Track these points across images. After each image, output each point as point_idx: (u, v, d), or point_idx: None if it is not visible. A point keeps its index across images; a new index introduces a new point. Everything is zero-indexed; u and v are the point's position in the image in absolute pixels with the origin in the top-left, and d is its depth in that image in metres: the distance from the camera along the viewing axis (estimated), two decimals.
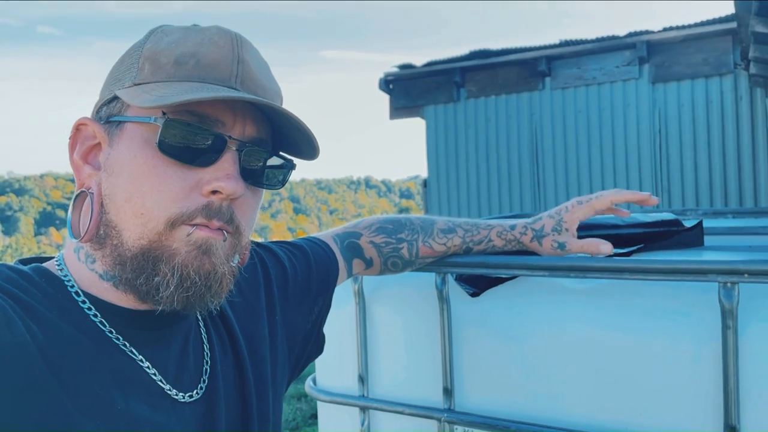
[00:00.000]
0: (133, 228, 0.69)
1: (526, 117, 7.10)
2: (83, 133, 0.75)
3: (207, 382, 0.79)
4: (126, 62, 0.75)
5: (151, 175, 0.69)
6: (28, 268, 0.72)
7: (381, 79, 7.59)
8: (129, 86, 0.72)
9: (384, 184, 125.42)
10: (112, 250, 0.70)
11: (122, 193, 0.70)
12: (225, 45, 0.73)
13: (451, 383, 1.23)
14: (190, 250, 0.69)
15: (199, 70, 0.71)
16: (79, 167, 0.74)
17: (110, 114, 0.73)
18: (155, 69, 0.71)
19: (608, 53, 6.68)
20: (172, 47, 0.72)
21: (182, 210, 0.69)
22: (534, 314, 1.19)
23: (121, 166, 0.70)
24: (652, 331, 1.08)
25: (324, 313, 1.09)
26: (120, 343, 0.71)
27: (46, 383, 0.62)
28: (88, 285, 0.72)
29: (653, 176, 6.56)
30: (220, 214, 0.70)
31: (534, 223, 1.19)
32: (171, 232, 0.69)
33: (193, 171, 0.70)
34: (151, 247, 0.69)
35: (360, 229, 1.17)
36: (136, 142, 0.70)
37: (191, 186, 0.69)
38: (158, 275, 0.68)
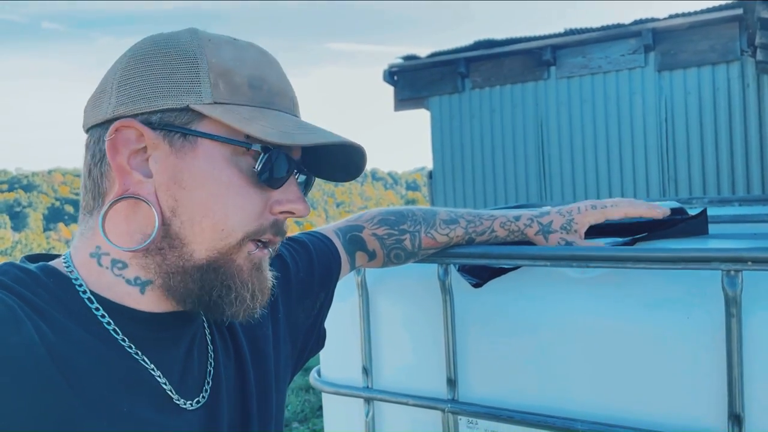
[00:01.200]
0: (208, 242, 0.71)
1: (531, 107, 7.07)
2: (124, 135, 0.71)
3: (210, 387, 0.79)
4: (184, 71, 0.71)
5: (235, 195, 0.72)
6: (36, 268, 0.71)
7: (385, 71, 7.56)
8: (209, 103, 0.70)
9: (390, 176, 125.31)
10: (168, 260, 0.71)
11: (200, 209, 0.70)
12: (279, 70, 0.78)
13: (455, 374, 1.23)
14: (251, 268, 0.74)
15: (272, 97, 0.74)
16: (127, 172, 0.71)
17: (170, 123, 0.70)
18: (232, 89, 0.72)
19: (613, 41, 6.63)
20: (238, 66, 0.73)
21: (257, 227, 0.73)
22: (537, 304, 1.19)
23: (199, 181, 0.70)
24: (655, 320, 1.07)
25: (326, 308, 1.09)
26: (126, 345, 0.71)
27: (54, 383, 0.62)
28: (101, 287, 0.72)
29: (660, 165, 6.53)
30: (283, 231, 0.78)
31: (541, 217, 1.19)
32: (240, 247, 0.73)
33: (266, 192, 0.74)
34: (218, 259, 0.72)
35: (362, 221, 1.17)
36: (217, 161, 0.71)
37: (265, 205, 0.74)
38: (233, 290, 0.73)
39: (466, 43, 7.42)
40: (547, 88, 6.98)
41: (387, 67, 7.56)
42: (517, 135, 7.15)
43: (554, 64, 6.91)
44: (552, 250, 1.11)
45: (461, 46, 7.39)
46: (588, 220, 1.18)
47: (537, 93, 7.04)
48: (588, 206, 1.19)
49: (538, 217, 1.19)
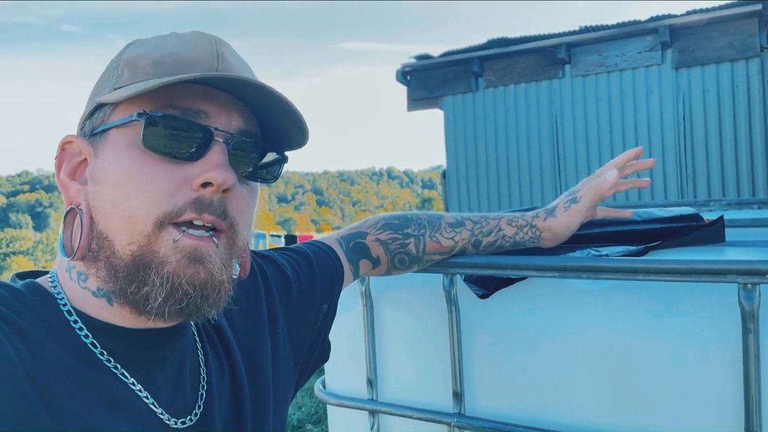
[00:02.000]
0: (123, 234, 0.66)
1: (546, 105, 7.00)
2: (69, 151, 0.73)
3: (203, 407, 0.77)
4: (105, 74, 0.74)
5: (136, 175, 0.66)
6: (21, 285, 0.70)
7: (398, 71, 7.53)
8: (108, 92, 0.71)
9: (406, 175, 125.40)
10: (105, 262, 0.68)
11: (109, 200, 0.67)
12: (203, 44, 0.72)
13: (461, 387, 1.19)
14: (180, 259, 0.66)
15: (177, 67, 0.69)
16: (66, 185, 0.72)
17: (93, 126, 0.72)
18: (134, 72, 0.70)
19: (630, 39, 6.54)
20: (150, 51, 0.71)
21: (170, 207, 0.66)
22: (545, 316, 1.15)
23: (106, 173, 0.68)
24: (668, 334, 1.03)
25: (329, 320, 1.06)
26: (111, 366, 0.68)
27: (32, 408, 0.60)
28: (80, 303, 0.70)
29: (677, 164, 6.43)
30: (212, 208, 0.67)
31: (546, 207, 1.19)
32: (159, 234, 0.66)
33: (181, 166, 0.67)
34: (141, 253, 0.66)
35: (365, 228, 1.14)
36: (120, 146, 0.68)
37: (179, 182, 0.67)
38: (147, 285, 0.66)
39: (480, 42, 7.36)
40: (562, 86, 6.90)
41: (400, 67, 7.52)
42: (532, 134, 7.09)
43: (569, 63, 6.83)
44: (560, 260, 1.08)
45: (474, 45, 7.33)
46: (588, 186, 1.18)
47: (552, 91, 6.96)
48: (584, 180, 1.21)
49: (542, 208, 1.19)
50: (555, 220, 1.15)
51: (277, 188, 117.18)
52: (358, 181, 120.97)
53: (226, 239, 0.70)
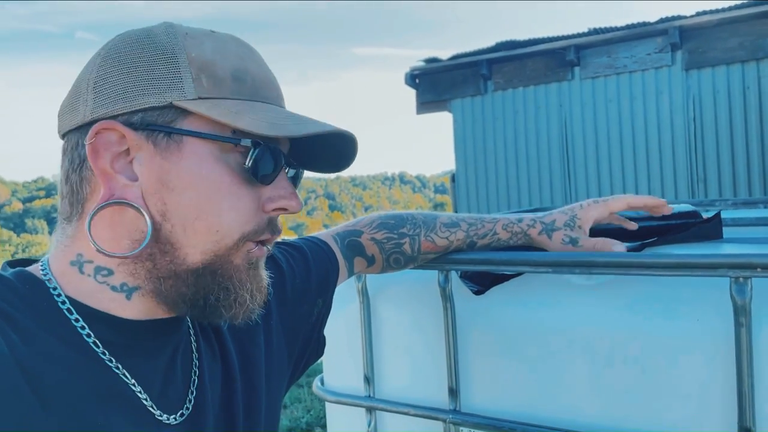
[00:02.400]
0: (203, 245, 0.69)
1: (555, 108, 6.98)
2: (105, 138, 0.68)
3: (194, 398, 0.77)
4: (163, 67, 0.68)
5: (227, 194, 0.69)
6: (11, 274, 0.69)
7: (407, 74, 7.54)
8: (194, 99, 0.67)
9: (418, 180, 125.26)
10: (159, 265, 0.69)
11: (191, 211, 0.68)
12: (261, 62, 0.76)
13: (457, 383, 1.20)
14: (248, 268, 0.73)
15: (257, 89, 0.72)
16: (111, 176, 0.68)
17: (152, 122, 0.68)
18: (215, 83, 0.69)
19: (639, 40, 6.51)
20: (219, 58, 0.70)
21: (254, 227, 0.71)
22: (540, 312, 1.15)
23: (188, 182, 0.68)
24: (662, 329, 1.03)
25: (324, 315, 1.07)
26: (106, 358, 0.68)
27: (23, 397, 0.60)
28: (81, 295, 0.69)
29: (688, 166, 6.38)
30: (279, 229, 0.75)
31: (543, 217, 1.16)
32: (239, 247, 0.71)
33: (257, 188, 0.72)
34: (214, 261, 0.70)
35: (361, 226, 1.15)
36: (205, 159, 0.68)
37: (258, 203, 0.72)
38: (231, 292, 0.71)
39: (488, 45, 7.35)
40: (571, 88, 6.88)
41: (408, 70, 7.54)
42: (541, 137, 7.07)
43: (578, 65, 6.81)
44: (554, 255, 1.08)
45: (483, 47, 7.33)
46: (591, 215, 1.15)
47: (561, 94, 6.94)
48: (590, 202, 1.17)
49: (541, 217, 1.16)
50: (549, 243, 1.14)
51: None
52: (370, 186, 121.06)
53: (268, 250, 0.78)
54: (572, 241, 1.13)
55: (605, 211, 1.16)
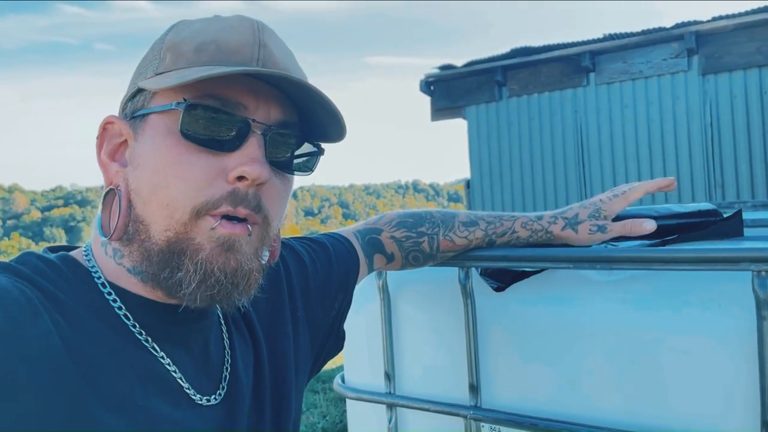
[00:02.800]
0: (160, 220, 0.68)
1: (570, 114, 6.96)
2: (110, 131, 0.74)
3: (227, 385, 0.79)
4: (148, 57, 0.74)
5: (174, 164, 0.68)
6: (56, 257, 0.72)
7: (422, 81, 7.56)
8: (150, 77, 0.71)
9: (432, 188, 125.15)
10: (140, 245, 0.69)
11: (148, 186, 0.69)
12: (245, 31, 0.72)
13: (477, 380, 1.20)
14: (214, 247, 0.68)
15: (219, 55, 0.69)
16: (107, 165, 0.73)
17: (135, 109, 0.72)
18: (176, 57, 0.70)
19: (655, 46, 6.49)
20: (193, 36, 0.71)
21: (207, 198, 0.67)
22: (561, 308, 1.15)
23: (145, 158, 0.70)
24: (683, 324, 1.03)
25: (345, 310, 1.08)
26: (143, 339, 0.71)
27: (69, 376, 0.62)
28: (115, 277, 0.72)
29: (705, 170, 6.33)
30: (247, 201, 0.69)
31: (565, 213, 1.15)
32: (196, 222, 0.68)
33: (218, 157, 0.68)
34: (177, 239, 0.68)
35: (380, 224, 1.16)
36: (159, 132, 0.69)
37: (216, 173, 0.68)
38: (181, 270, 0.67)
39: (503, 51, 7.36)
40: (587, 94, 6.86)
41: (423, 77, 7.56)
42: (556, 143, 7.05)
43: (593, 70, 6.79)
44: (574, 251, 1.08)
45: (498, 54, 7.33)
46: (615, 209, 1.14)
47: (576, 100, 6.93)
48: (610, 195, 1.16)
49: (561, 213, 1.15)
50: (575, 236, 1.13)
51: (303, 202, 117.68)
52: (383, 194, 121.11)
53: (259, 230, 0.72)
54: (600, 229, 1.12)
55: (625, 203, 1.16)
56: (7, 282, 0.63)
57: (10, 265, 0.67)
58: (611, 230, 1.12)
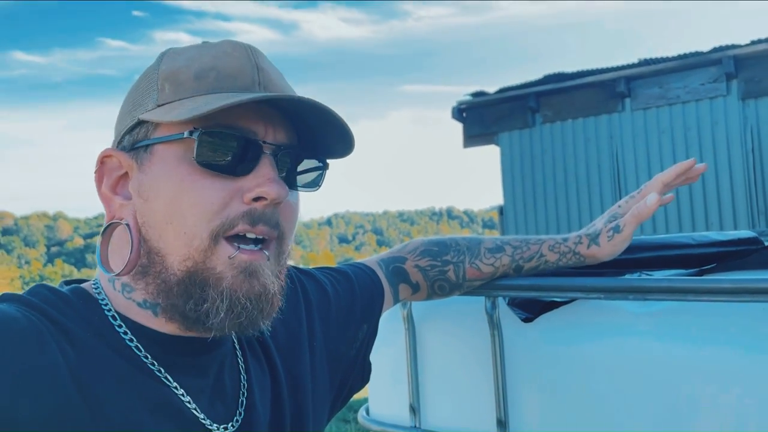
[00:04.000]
0: (178, 250, 0.68)
1: (605, 140, 6.87)
2: (108, 165, 0.74)
3: (243, 413, 0.77)
4: (142, 87, 0.74)
5: (189, 191, 0.67)
6: (67, 290, 0.72)
7: (454, 108, 7.58)
8: (152, 108, 0.71)
9: (466, 214, 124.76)
10: (155, 278, 0.69)
11: (162, 216, 0.68)
12: (241, 55, 0.72)
13: (505, 414, 1.16)
14: (236, 274, 0.68)
15: (220, 82, 0.70)
16: (110, 199, 0.73)
17: (135, 141, 0.72)
18: (176, 87, 0.71)
19: (692, 70, 6.39)
20: (189, 63, 0.72)
21: (223, 219, 0.67)
22: (592, 341, 1.11)
23: (156, 189, 0.69)
24: (724, 359, 0.98)
25: (370, 340, 1.05)
26: (155, 369, 0.70)
27: (73, 407, 0.61)
28: (125, 310, 0.72)
29: (747, 198, 6.16)
30: (265, 219, 0.69)
31: (588, 230, 1.12)
32: (214, 248, 0.67)
33: (232, 181, 0.69)
34: (196, 270, 0.67)
35: (405, 253, 1.13)
36: (169, 162, 0.69)
37: (230, 195, 0.68)
38: (207, 301, 0.67)
39: (536, 78, 7.33)
40: (622, 120, 6.77)
41: (456, 104, 7.57)
42: (591, 169, 6.95)
43: (629, 96, 6.71)
44: (605, 281, 1.04)
45: (530, 80, 7.31)
46: (629, 208, 1.10)
47: (611, 126, 6.84)
48: (626, 198, 1.13)
49: (585, 232, 1.12)
50: (599, 250, 1.09)
51: (337, 229, 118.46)
52: (417, 221, 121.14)
53: (275, 248, 0.72)
54: (615, 230, 1.07)
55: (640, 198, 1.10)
56: (16, 312, 0.63)
57: (21, 296, 0.67)
58: (625, 225, 1.06)
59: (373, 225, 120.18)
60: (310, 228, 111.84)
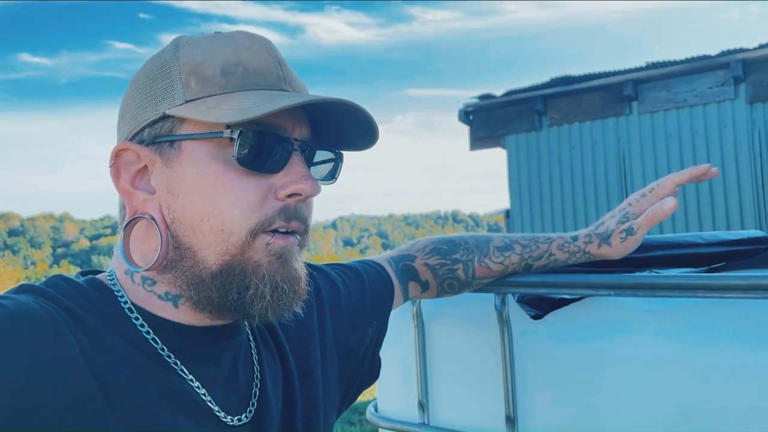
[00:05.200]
0: (214, 246, 0.69)
1: (612, 143, 6.86)
2: (125, 159, 0.73)
3: (257, 404, 0.78)
4: (161, 80, 0.73)
5: (226, 190, 0.68)
6: (83, 281, 0.73)
7: (460, 111, 7.58)
8: (181, 104, 0.70)
9: (472, 218, 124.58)
10: (185, 272, 0.70)
11: (196, 213, 0.69)
12: (261, 50, 0.73)
13: (514, 411, 1.16)
14: (273, 261, 0.70)
15: (248, 78, 0.71)
16: (131, 194, 0.73)
17: (157, 135, 0.72)
18: (204, 82, 0.70)
19: (700, 74, 6.38)
20: (211, 57, 0.72)
21: (261, 218, 0.69)
22: (601, 337, 1.11)
23: (189, 185, 0.70)
24: (733, 356, 0.98)
25: (379, 337, 1.06)
26: (171, 361, 0.71)
27: (91, 398, 0.62)
28: (141, 301, 0.72)
29: (755, 201, 6.13)
30: (297, 215, 0.71)
31: (597, 229, 1.10)
32: (253, 243, 0.69)
33: (266, 178, 0.70)
34: (234, 262, 0.69)
35: (414, 251, 1.14)
36: (201, 159, 0.69)
37: (265, 193, 0.70)
38: (250, 288, 0.69)
39: (543, 81, 7.33)
40: (629, 123, 6.76)
41: (462, 107, 7.57)
42: (598, 173, 6.94)
43: (636, 99, 6.70)
44: (614, 278, 1.04)
45: (538, 83, 7.31)
46: (643, 208, 1.06)
47: (618, 129, 6.83)
48: (637, 197, 1.09)
49: (594, 230, 1.10)
50: (611, 250, 1.07)
51: (342, 232, 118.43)
52: (423, 224, 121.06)
53: (301, 239, 0.74)
54: (628, 232, 1.05)
55: (654, 200, 1.07)
56: (34, 303, 0.64)
57: (38, 287, 0.68)
58: (638, 227, 1.04)
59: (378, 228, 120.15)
60: (315, 231, 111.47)
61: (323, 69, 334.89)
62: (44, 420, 0.59)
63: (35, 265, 77.83)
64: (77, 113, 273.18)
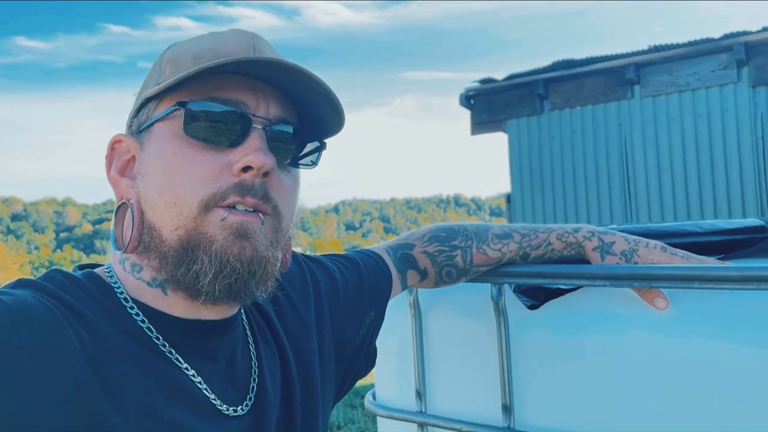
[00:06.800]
0: (169, 220, 0.69)
1: (614, 127, 6.83)
2: (118, 150, 0.77)
3: (255, 396, 0.79)
4: (149, 75, 0.78)
5: (179, 163, 0.70)
6: (80, 274, 0.74)
7: (462, 95, 7.55)
8: (153, 89, 0.74)
9: (474, 202, 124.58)
10: (156, 251, 0.71)
11: (155, 189, 0.71)
12: (240, 38, 0.74)
13: (511, 400, 1.17)
14: (227, 236, 0.69)
15: (216, 59, 0.70)
16: (117, 181, 0.76)
17: (140, 123, 0.75)
18: (175, 68, 0.73)
19: (702, 57, 6.33)
20: (191, 48, 0.74)
21: (214, 190, 0.69)
22: (597, 327, 1.12)
23: (152, 165, 0.72)
24: (729, 346, 0.99)
25: (376, 326, 1.06)
26: (167, 351, 0.71)
27: (91, 391, 0.63)
28: (137, 293, 0.73)
29: (757, 186, 6.12)
30: (254, 191, 0.70)
31: (604, 234, 1.10)
32: (205, 216, 0.69)
33: (222, 153, 0.70)
34: (188, 237, 0.69)
35: (412, 240, 1.14)
36: (163, 138, 0.72)
37: (221, 167, 0.70)
38: (196, 263, 0.68)
39: (544, 65, 7.28)
40: (631, 107, 6.73)
41: (463, 91, 7.54)
42: (600, 157, 6.92)
43: (638, 83, 6.66)
44: (611, 268, 1.04)
45: (539, 67, 7.26)
46: (651, 258, 1.05)
47: (620, 113, 6.80)
48: (657, 245, 1.07)
49: (602, 233, 1.10)
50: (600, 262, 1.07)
51: (344, 216, 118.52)
52: (425, 208, 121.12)
53: (271, 221, 0.73)
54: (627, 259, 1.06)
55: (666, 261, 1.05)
56: (32, 298, 0.64)
57: (36, 281, 0.69)
58: None
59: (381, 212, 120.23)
60: (317, 215, 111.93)
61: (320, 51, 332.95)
62: (45, 415, 0.59)
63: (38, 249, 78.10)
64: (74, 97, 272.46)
